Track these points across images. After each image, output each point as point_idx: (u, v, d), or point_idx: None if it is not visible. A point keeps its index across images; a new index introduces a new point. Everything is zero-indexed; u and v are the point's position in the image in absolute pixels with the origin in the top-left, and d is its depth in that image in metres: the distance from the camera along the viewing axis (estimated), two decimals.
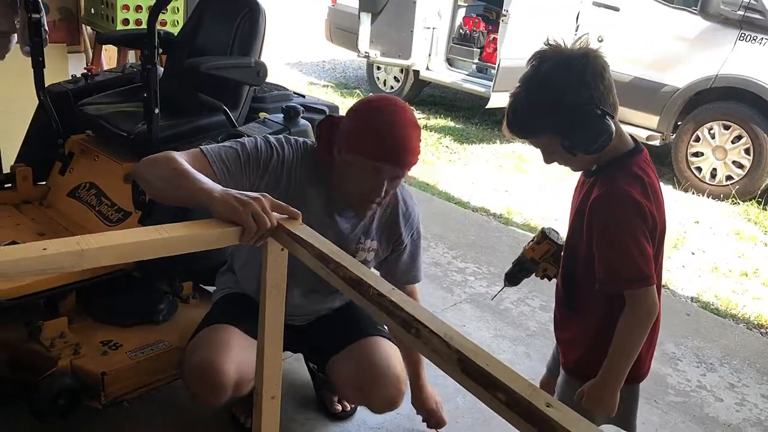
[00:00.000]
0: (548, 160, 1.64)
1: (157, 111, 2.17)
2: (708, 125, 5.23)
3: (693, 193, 5.19)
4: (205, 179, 1.48)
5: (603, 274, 1.56)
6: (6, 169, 2.66)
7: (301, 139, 1.93)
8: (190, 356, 1.87)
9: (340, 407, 2.26)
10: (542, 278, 1.92)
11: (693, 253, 4.10)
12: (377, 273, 1.88)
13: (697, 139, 5.28)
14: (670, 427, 2.44)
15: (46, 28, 2.57)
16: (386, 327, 1.92)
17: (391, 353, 1.95)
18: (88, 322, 2.18)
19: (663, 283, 3.52)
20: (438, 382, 2.39)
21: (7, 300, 1.94)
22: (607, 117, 1.51)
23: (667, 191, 5.27)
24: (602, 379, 1.60)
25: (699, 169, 5.29)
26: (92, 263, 1.24)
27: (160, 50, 2.29)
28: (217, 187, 1.42)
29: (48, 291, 2.06)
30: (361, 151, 1.75)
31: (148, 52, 2.10)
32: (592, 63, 1.52)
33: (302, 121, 2.33)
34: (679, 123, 5.42)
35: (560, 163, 1.64)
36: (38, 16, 2.52)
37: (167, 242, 1.29)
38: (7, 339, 2.02)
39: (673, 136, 5.45)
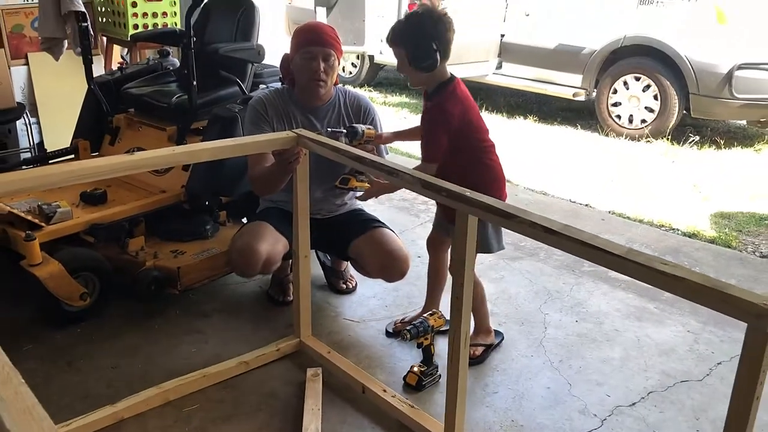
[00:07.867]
0: (400, 69, 2.40)
1: (194, 83, 2.98)
2: (623, 78, 6.20)
3: (614, 137, 6.14)
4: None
5: (423, 152, 2.41)
6: (66, 145, 3.45)
7: (272, 86, 2.89)
8: (234, 242, 2.70)
9: (344, 286, 3.11)
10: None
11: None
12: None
13: (615, 92, 6.24)
14: None
15: (92, 33, 3.34)
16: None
17: (398, 240, 2.74)
18: (157, 240, 2.99)
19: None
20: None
21: (107, 223, 2.76)
22: (438, 53, 2.29)
23: (594, 137, 6.22)
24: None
25: (619, 116, 6.25)
26: (190, 159, 2.09)
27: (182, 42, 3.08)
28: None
29: (129, 217, 2.87)
30: (295, 49, 2.66)
31: (186, 41, 2.90)
32: (446, 19, 2.33)
33: None
34: (599, 79, 6.37)
35: (405, 74, 2.41)
36: (86, 24, 3.32)
37: (218, 149, 2.16)
38: (108, 252, 2.83)
39: (595, 91, 6.40)
